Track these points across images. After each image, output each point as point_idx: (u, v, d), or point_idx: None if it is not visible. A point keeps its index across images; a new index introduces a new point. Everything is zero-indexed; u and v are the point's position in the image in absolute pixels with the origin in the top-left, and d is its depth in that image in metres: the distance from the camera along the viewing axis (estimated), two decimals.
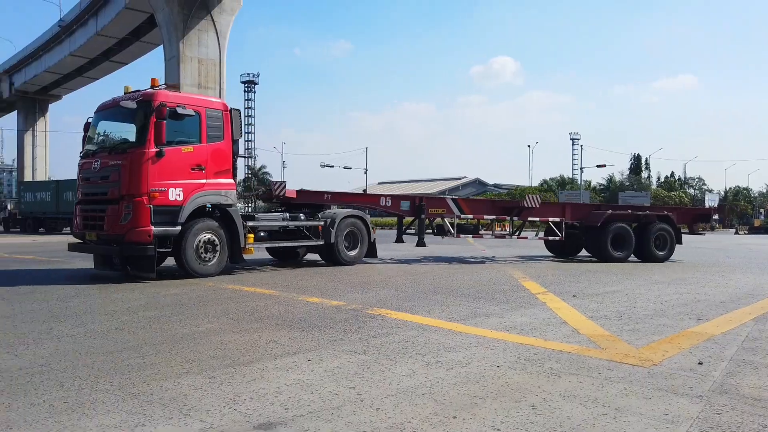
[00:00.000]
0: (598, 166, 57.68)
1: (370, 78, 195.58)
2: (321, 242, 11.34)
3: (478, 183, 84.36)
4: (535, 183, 71.20)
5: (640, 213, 14.27)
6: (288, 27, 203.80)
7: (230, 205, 9.61)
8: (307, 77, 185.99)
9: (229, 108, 9.78)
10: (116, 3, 37.66)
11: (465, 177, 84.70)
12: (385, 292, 7.93)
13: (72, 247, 9.91)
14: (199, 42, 32.36)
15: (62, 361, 4.18)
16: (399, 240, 13.82)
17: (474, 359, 4.23)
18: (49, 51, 49.49)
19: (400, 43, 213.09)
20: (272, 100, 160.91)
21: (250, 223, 10.20)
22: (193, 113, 9.12)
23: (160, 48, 35.69)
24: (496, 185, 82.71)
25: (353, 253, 11.82)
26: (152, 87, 9.31)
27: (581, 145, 61.77)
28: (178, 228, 8.89)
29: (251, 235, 10.11)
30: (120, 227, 8.60)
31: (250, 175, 78.05)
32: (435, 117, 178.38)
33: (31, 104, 58.21)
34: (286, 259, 12.79)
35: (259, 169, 78.43)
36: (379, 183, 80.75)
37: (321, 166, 58.89)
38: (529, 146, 75.28)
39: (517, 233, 14.31)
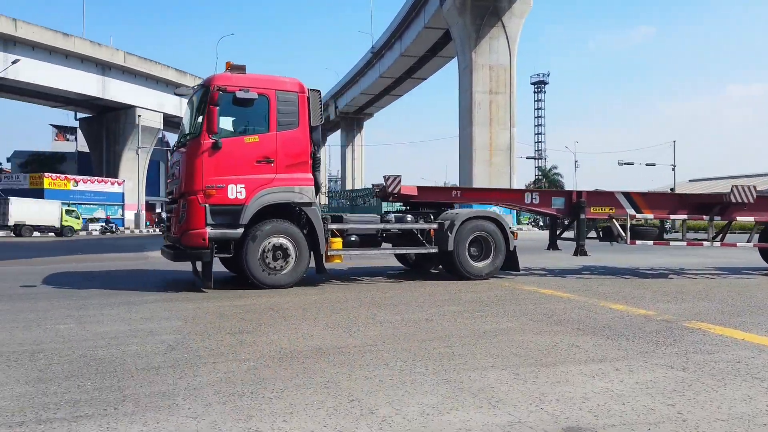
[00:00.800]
0: None
1: (679, 63, 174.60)
2: (433, 249, 9.22)
3: None
4: None
5: None
6: (580, 22, 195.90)
7: (307, 204, 8.15)
8: (603, 70, 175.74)
9: (306, 89, 8.23)
10: (417, 24, 41.49)
11: None
12: (705, 304, 6.97)
13: (162, 252, 8.95)
14: (490, 49, 33.40)
15: (385, 343, 4.78)
16: (552, 247, 11.06)
17: None
18: (363, 75, 57.18)
19: (720, 19, 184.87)
20: (563, 98, 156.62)
21: (335, 226, 8.59)
22: (257, 96, 7.76)
23: (454, 60, 37.95)
24: None
25: (481, 264, 9.36)
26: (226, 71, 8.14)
27: None
28: (240, 230, 7.68)
29: (337, 240, 8.54)
30: (179, 229, 7.75)
31: (540, 177, 77.67)
32: None
33: (350, 123, 68.26)
34: (415, 267, 11.02)
35: (550, 169, 77.09)
36: (690, 180, 71.48)
37: (619, 164, 54.94)
38: None
39: (719, 238, 10.57)
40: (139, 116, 44.99)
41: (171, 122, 50.63)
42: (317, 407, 3.17)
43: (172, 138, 64.48)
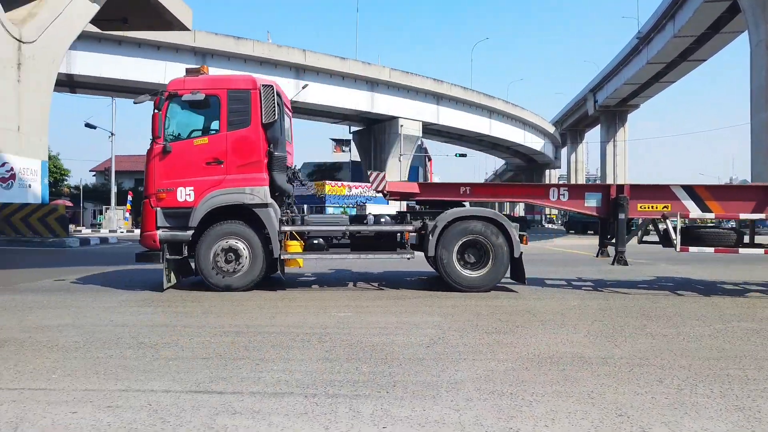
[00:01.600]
0: None
1: None
2: (408, 255, 8.04)
3: None
4: None
5: None
6: None
7: (260, 205, 7.68)
8: None
9: (258, 85, 7.74)
10: (693, 0, 36.68)
11: None
12: None
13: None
14: None
15: (657, 357, 4.30)
16: (601, 254, 9.00)
17: None
18: (627, 64, 52.73)
19: None
20: None
21: (289, 228, 7.91)
22: (203, 97, 7.62)
23: (742, 37, 32.45)
24: None
25: (474, 273, 7.87)
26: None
27: None
28: (189, 233, 7.57)
29: (294, 243, 7.90)
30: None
31: None
32: None
33: (611, 117, 63.56)
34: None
35: None
36: None
37: None
38: None
39: None
40: (401, 126, 48.93)
41: (429, 130, 53.86)
42: (581, 417, 3.01)
43: (429, 144, 68.55)
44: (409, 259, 8.09)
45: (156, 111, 7.55)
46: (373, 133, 52.78)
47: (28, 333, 5.06)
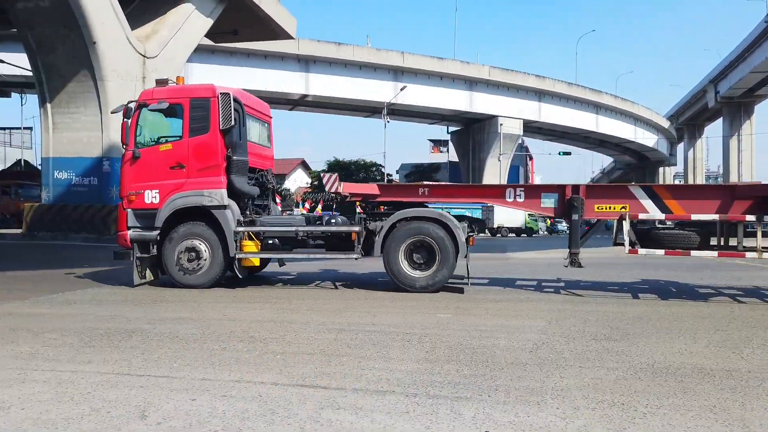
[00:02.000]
0: None
1: None
2: (355, 255, 7.95)
3: None
4: None
5: None
6: None
7: (217, 207, 7.97)
8: None
9: (217, 93, 7.96)
10: None
11: None
12: None
13: None
14: None
15: None
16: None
17: None
18: (754, 50, 48.17)
19: None
20: None
21: (244, 228, 8.05)
22: (167, 106, 8.07)
23: None
24: None
25: (421, 274, 7.81)
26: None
27: None
28: (155, 233, 7.97)
29: (250, 243, 8.04)
30: None
31: None
32: None
33: (735, 109, 58.35)
34: None
35: None
36: None
37: None
38: None
39: None
40: (501, 125, 47.99)
41: (530, 128, 52.40)
42: None
43: (531, 143, 66.68)
44: (356, 259, 8.10)
45: (124, 120, 8.06)
46: (472, 133, 52.21)
47: (152, 324, 5.51)
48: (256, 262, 8.65)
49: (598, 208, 7.89)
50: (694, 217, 7.47)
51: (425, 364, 4.10)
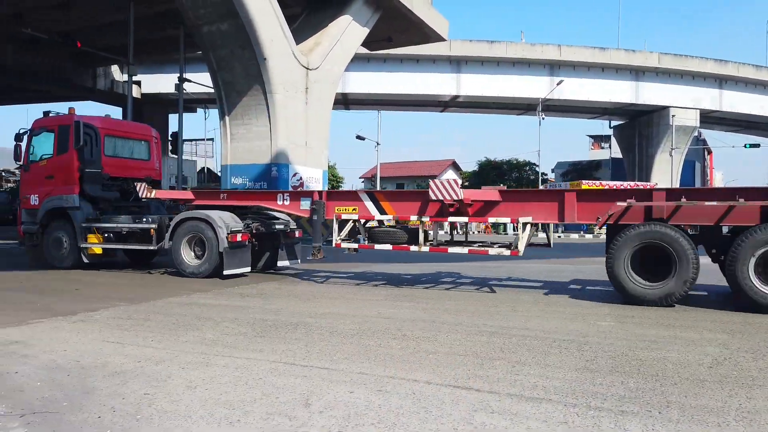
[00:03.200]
0: None
1: None
2: (153, 247, 10.02)
3: None
4: None
5: None
6: None
7: (71, 208, 10.49)
8: None
9: (72, 121, 10.51)
10: None
11: None
12: None
13: None
14: None
15: None
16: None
17: None
18: None
19: None
20: None
21: (88, 224, 10.46)
22: (42, 132, 10.85)
23: None
24: None
25: (196, 263, 9.53)
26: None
27: None
28: (36, 227, 10.82)
29: (92, 236, 10.44)
30: None
31: None
32: None
33: None
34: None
35: None
36: None
37: None
38: None
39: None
40: (673, 116, 43.66)
41: (708, 118, 47.05)
42: None
43: (709, 135, 59.96)
44: (154, 249, 10.01)
45: (17, 143, 10.91)
46: (638, 127, 48.32)
47: (314, 318, 5.88)
48: (98, 251, 10.65)
49: (337, 209, 9.13)
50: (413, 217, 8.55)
51: (585, 373, 3.86)
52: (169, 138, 25.85)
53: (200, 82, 26.25)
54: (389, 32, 26.54)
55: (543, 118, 39.58)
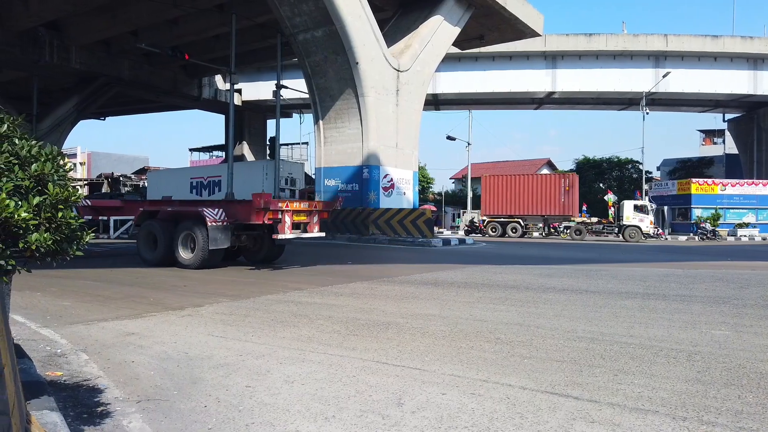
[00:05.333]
0: None
1: None
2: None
3: None
4: None
5: None
6: None
7: None
8: None
9: None
10: None
11: None
12: None
13: None
14: None
15: None
16: None
17: None
18: None
19: None
20: None
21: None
22: None
23: None
24: None
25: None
26: None
27: None
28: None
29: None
30: None
31: None
32: None
33: None
34: None
35: None
36: None
37: None
38: None
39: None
40: None
41: None
42: None
43: None
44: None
45: None
46: (756, 120, 44.37)
47: (405, 319, 5.90)
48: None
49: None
50: None
51: (696, 385, 3.59)
52: (267, 143, 27.02)
53: (296, 88, 27.26)
54: (481, 30, 26.19)
55: (647, 113, 37.32)
